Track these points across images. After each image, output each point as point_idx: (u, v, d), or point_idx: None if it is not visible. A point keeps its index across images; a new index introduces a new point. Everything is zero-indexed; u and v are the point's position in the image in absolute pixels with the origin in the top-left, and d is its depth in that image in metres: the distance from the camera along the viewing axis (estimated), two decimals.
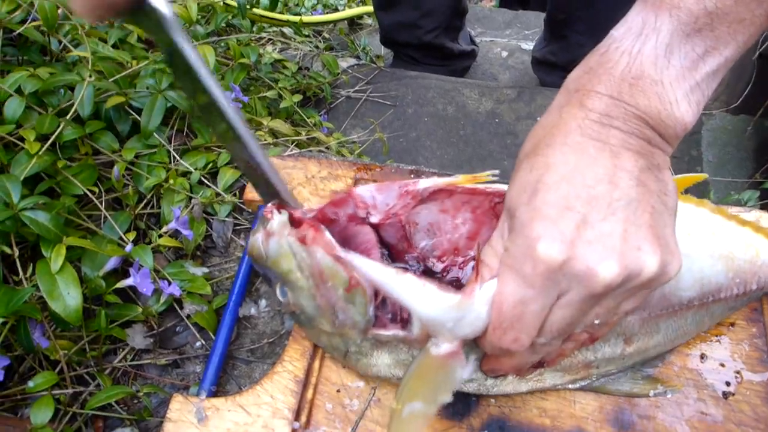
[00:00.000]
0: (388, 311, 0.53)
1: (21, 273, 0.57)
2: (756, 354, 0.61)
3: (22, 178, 0.57)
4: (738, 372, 0.60)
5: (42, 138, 0.62)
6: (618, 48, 0.44)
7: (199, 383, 0.60)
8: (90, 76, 0.63)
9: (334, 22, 1.62)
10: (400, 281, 0.46)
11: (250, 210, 0.72)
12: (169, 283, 0.62)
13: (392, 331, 0.52)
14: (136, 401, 0.61)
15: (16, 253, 0.57)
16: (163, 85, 0.70)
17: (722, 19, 0.43)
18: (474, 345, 0.50)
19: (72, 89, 0.66)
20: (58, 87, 0.65)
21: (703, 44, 0.43)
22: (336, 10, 1.72)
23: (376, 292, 0.51)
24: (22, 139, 0.61)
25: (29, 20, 0.70)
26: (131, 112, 0.71)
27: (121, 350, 0.63)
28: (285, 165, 0.71)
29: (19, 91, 0.64)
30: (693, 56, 0.44)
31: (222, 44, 1.03)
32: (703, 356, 0.61)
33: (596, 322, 0.46)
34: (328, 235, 0.49)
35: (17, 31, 0.69)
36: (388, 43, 1.53)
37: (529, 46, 1.78)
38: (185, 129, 0.75)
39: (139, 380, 0.63)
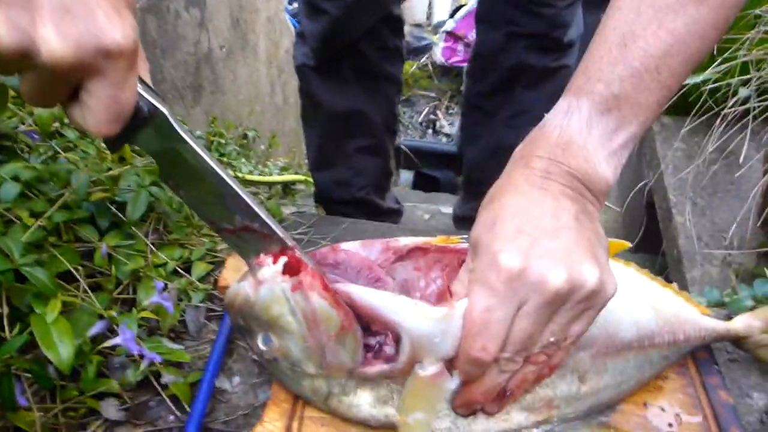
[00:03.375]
0: (375, 350, 0.58)
1: (8, 332, 0.58)
2: (689, 400, 0.69)
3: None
4: (677, 414, 0.67)
5: (35, 216, 0.66)
6: (552, 123, 0.57)
7: None
8: (85, 166, 0.70)
9: (270, 184, 1.76)
10: (395, 302, 0.54)
11: (223, 298, 0.76)
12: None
13: (378, 368, 0.56)
14: None
15: (6, 311, 0.58)
16: (146, 181, 0.77)
17: (625, 102, 0.56)
18: None
19: (60, 179, 0.72)
20: (51, 175, 0.71)
21: (615, 121, 0.56)
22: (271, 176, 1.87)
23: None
24: (18, 218, 0.65)
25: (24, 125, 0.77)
26: (112, 207, 0.77)
27: (93, 423, 0.62)
28: None
29: (15, 178, 0.69)
30: (608, 129, 0.56)
31: None
32: (645, 403, 0.68)
33: (551, 339, 0.53)
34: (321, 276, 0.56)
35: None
36: (322, 200, 1.66)
37: (448, 210, 1.97)
38: (161, 227, 0.81)
39: None
